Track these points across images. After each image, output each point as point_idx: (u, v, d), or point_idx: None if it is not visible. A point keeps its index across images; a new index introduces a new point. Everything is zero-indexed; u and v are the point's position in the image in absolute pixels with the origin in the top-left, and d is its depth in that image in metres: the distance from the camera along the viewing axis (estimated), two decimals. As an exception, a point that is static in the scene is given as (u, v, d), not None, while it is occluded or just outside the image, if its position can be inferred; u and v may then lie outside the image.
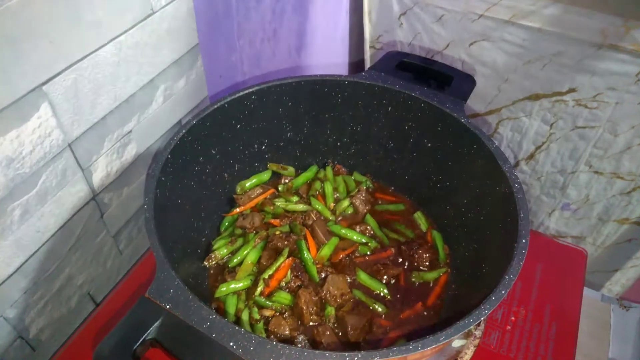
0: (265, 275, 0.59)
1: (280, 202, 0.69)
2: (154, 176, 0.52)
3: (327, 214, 0.69)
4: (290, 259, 0.61)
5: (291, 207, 0.69)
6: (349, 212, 0.71)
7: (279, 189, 0.72)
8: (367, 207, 0.71)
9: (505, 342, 0.61)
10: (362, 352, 0.39)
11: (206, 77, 0.71)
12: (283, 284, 0.59)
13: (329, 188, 0.71)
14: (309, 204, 0.70)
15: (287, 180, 0.74)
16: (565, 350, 0.60)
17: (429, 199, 0.71)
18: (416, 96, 0.65)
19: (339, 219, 0.70)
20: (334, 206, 0.70)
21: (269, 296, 0.58)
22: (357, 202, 0.71)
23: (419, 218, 0.71)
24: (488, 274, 0.53)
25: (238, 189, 0.70)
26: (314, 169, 0.75)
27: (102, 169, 0.59)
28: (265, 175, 0.72)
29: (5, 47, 0.41)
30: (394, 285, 0.62)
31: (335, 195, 0.72)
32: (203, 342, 0.40)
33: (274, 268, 0.60)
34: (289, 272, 0.60)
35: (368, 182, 0.75)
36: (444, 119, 0.63)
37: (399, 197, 0.75)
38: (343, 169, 0.77)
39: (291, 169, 0.74)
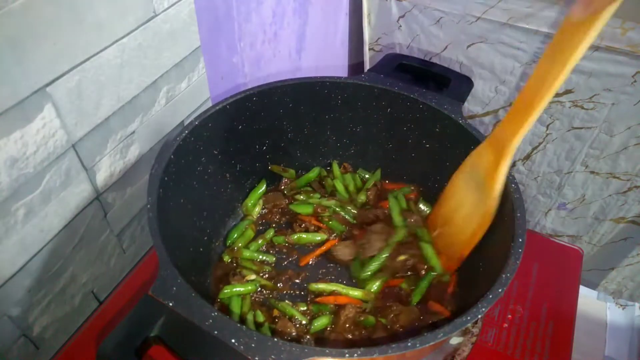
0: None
1: (303, 196, 0.71)
2: (157, 176, 0.52)
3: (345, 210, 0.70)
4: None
5: (323, 202, 0.69)
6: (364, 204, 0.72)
7: (284, 191, 0.73)
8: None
9: (502, 340, 0.62)
10: (362, 349, 0.40)
11: (208, 78, 0.71)
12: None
13: (339, 185, 0.72)
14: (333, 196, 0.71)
15: (286, 181, 0.74)
16: (562, 348, 0.61)
17: (427, 198, 0.72)
18: (415, 97, 0.66)
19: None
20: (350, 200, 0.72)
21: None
22: (372, 195, 0.72)
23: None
24: (485, 273, 0.54)
25: (244, 209, 0.71)
26: (316, 170, 0.75)
27: (106, 169, 0.60)
28: (262, 185, 0.73)
29: (8, 49, 0.42)
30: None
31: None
32: (205, 339, 0.40)
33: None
34: None
35: (377, 175, 0.76)
36: (442, 120, 0.64)
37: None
38: (350, 167, 0.77)
39: (292, 172, 0.75)
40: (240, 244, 0.65)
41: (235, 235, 0.67)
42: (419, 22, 0.91)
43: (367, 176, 0.76)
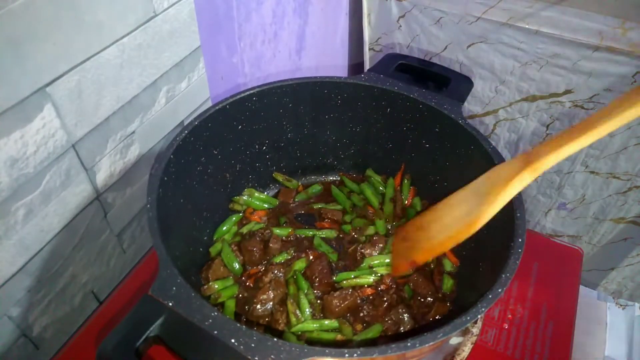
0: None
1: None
2: (156, 176, 0.52)
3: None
4: None
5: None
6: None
7: (296, 199, 0.74)
8: None
9: (502, 340, 0.62)
10: (361, 349, 0.40)
11: (208, 78, 0.71)
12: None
13: (368, 192, 0.73)
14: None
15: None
16: (562, 348, 0.61)
17: (427, 199, 0.72)
18: (414, 97, 0.66)
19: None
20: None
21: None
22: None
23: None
24: (485, 273, 0.54)
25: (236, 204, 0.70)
26: (317, 187, 0.76)
27: (106, 169, 0.60)
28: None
29: (8, 49, 0.42)
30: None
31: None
32: (205, 339, 0.40)
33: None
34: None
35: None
36: (442, 120, 0.64)
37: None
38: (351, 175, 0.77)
39: (295, 182, 0.75)
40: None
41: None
42: (419, 22, 0.91)
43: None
